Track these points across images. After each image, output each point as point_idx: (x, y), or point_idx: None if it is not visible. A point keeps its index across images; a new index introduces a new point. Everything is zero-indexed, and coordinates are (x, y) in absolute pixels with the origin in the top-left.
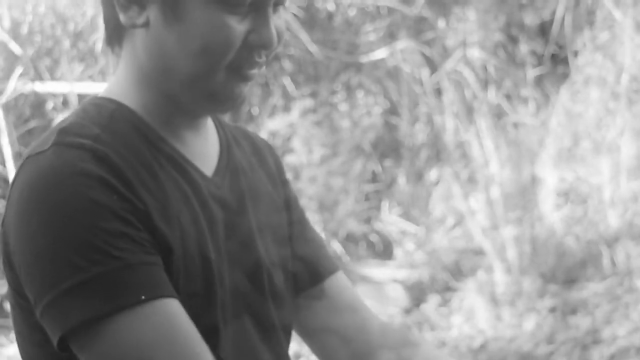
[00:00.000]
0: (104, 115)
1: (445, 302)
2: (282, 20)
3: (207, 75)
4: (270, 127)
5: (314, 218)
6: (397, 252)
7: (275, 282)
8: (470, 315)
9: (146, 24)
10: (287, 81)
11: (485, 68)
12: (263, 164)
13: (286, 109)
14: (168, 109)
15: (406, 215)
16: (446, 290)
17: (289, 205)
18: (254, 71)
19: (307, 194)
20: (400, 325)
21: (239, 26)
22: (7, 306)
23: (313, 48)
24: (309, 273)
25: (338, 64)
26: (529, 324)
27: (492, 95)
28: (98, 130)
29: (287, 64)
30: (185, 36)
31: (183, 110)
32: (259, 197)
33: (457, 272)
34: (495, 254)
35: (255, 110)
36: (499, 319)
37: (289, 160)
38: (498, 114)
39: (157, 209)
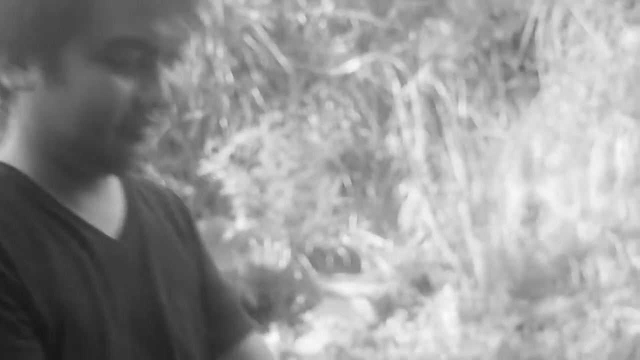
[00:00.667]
0: None
1: (412, 317)
2: (179, 74)
3: (95, 139)
4: (238, 140)
5: (280, 232)
6: (365, 266)
7: (189, 351)
8: (437, 332)
9: (29, 88)
10: (256, 93)
11: (456, 81)
12: (172, 220)
13: (255, 121)
14: (61, 172)
15: (375, 229)
16: (413, 305)
17: (201, 263)
18: (148, 130)
19: (274, 207)
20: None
21: (125, 85)
22: None
23: (283, 60)
24: (222, 335)
25: (308, 76)
26: (495, 341)
27: (463, 108)
28: None
29: (256, 76)
30: (68, 99)
31: (77, 174)
32: (168, 257)
33: (425, 286)
34: (462, 268)
35: (223, 123)
36: (465, 337)
37: (256, 173)
38: (469, 127)
39: (36, 283)
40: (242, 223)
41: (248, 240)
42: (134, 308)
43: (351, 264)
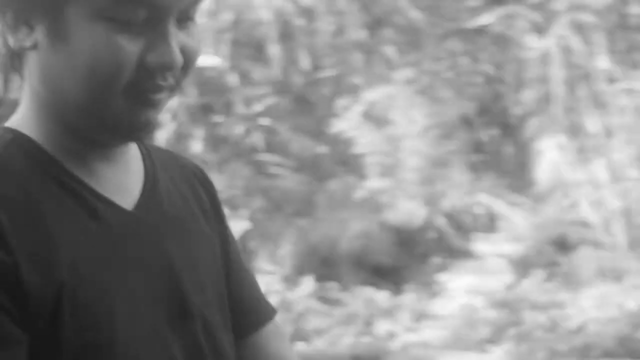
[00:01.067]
0: None
1: (549, 278)
2: (194, 36)
3: (102, 102)
4: (370, 97)
5: (414, 191)
6: (502, 225)
7: (213, 328)
8: (573, 293)
9: (35, 47)
10: (388, 50)
11: (594, 32)
12: (196, 195)
13: (387, 78)
14: (72, 139)
15: (511, 187)
16: (551, 265)
17: (224, 241)
18: (160, 96)
19: (407, 166)
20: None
21: (131, 45)
22: None
23: (415, 15)
24: (240, 322)
25: (441, 30)
26: (633, 302)
27: (602, 61)
28: None
29: (389, 32)
30: (72, 58)
31: (89, 141)
32: (189, 233)
33: (563, 245)
34: (601, 227)
35: (355, 80)
36: (603, 297)
37: (389, 131)
38: (608, 81)
39: (31, 259)
40: (375, 182)
41: (381, 199)
42: (150, 283)
43: (487, 223)
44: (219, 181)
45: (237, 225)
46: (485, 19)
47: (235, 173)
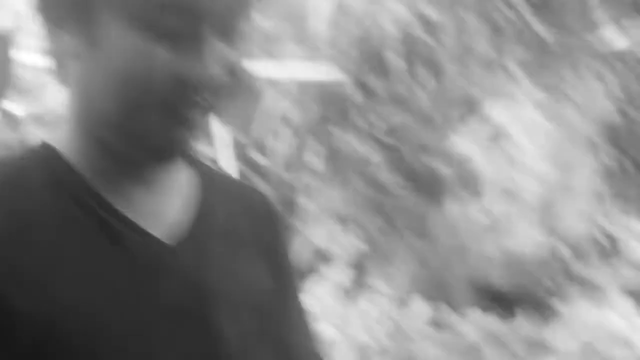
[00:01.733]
0: (22, 158)
1: None
2: (238, 50)
3: (133, 113)
4: (491, 115)
5: (534, 216)
6: (626, 253)
7: None
8: None
9: (72, 53)
10: (511, 65)
11: None
12: (255, 228)
13: (510, 95)
14: (106, 157)
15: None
16: None
17: (279, 280)
18: (194, 113)
19: (529, 189)
20: None
21: (165, 55)
22: None
23: (541, 29)
24: None
25: (569, 47)
26: None
27: None
28: None
29: (513, 47)
30: (105, 66)
31: (122, 160)
32: (237, 271)
33: None
34: None
35: (475, 96)
36: None
37: (510, 151)
38: None
39: (20, 279)
40: (494, 204)
41: (500, 222)
42: (173, 323)
43: (611, 251)
44: (335, 197)
45: (351, 243)
46: (618, 40)
47: (353, 190)
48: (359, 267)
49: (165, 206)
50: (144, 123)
